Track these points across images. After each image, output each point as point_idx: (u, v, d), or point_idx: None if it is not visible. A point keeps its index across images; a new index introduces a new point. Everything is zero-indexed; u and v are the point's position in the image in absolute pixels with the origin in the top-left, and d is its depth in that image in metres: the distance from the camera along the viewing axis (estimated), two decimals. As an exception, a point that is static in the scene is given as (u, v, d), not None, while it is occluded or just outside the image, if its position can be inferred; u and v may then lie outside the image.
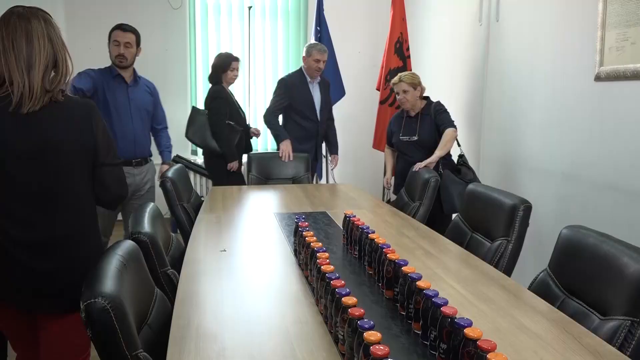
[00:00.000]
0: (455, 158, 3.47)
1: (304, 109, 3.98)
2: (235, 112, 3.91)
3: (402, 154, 3.50)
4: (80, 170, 1.65)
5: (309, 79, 4.00)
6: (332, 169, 4.34)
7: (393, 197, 4.24)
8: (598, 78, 2.63)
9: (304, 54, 3.97)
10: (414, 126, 3.39)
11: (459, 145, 3.45)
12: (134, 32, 3.18)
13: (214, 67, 3.94)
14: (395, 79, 3.41)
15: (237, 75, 3.97)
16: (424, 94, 3.47)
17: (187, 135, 4.01)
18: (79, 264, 1.62)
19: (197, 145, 4.22)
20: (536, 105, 3.16)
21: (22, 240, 1.57)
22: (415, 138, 3.36)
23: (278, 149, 3.93)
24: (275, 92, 4.03)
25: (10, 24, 1.55)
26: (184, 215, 2.76)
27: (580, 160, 2.80)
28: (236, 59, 3.95)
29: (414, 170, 3.19)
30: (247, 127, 4.09)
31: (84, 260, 1.62)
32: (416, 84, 3.34)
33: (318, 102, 4.04)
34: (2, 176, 1.55)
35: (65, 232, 1.62)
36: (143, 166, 3.17)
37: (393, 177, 3.67)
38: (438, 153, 3.20)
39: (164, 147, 3.47)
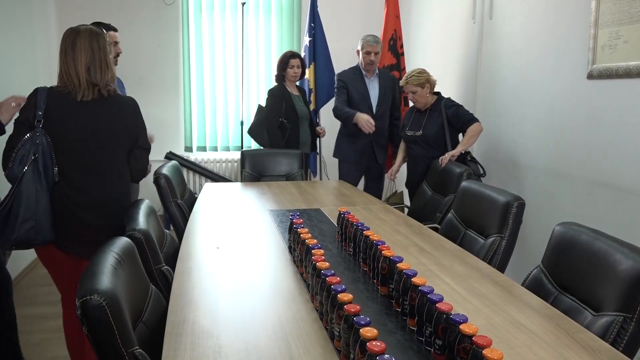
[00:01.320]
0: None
1: (359, 104, 3.80)
2: (290, 109, 3.95)
3: (409, 147, 3.56)
4: (123, 150, 2.18)
5: (364, 73, 3.87)
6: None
7: (392, 190, 4.28)
8: (590, 76, 2.65)
9: (358, 47, 3.87)
10: (420, 121, 3.42)
11: None
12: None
13: (277, 66, 4.08)
14: (403, 80, 3.43)
15: (297, 73, 4.01)
16: (435, 89, 3.47)
17: (248, 131, 4.35)
18: (120, 220, 2.04)
19: (256, 141, 4.38)
20: (529, 102, 3.18)
21: (81, 202, 2.08)
22: (419, 133, 3.39)
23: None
24: (335, 89, 3.95)
25: (65, 36, 2.09)
26: (177, 212, 2.75)
27: (573, 157, 2.82)
28: (293, 56, 4.02)
29: (440, 164, 3.19)
30: (313, 125, 4.22)
31: (122, 218, 2.02)
32: (423, 82, 3.34)
33: (375, 98, 3.86)
34: (66, 152, 2.05)
35: (111, 196, 2.15)
36: None
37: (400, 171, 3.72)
38: (461, 147, 3.23)
39: None
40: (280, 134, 3.98)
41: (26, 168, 1.98)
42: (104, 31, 2.19)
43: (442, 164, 3.17)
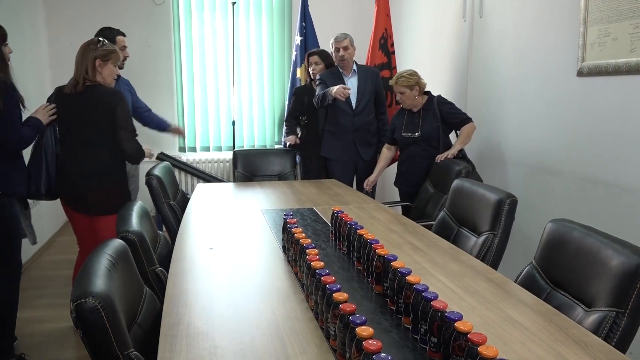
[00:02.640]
0: None
1: (338, 101, 3.68)
2: (313, 107, 3.95)
3: (403, 150, 3.52)
4: (104, 128, 2.66)
5: (341, 71, 3.87)
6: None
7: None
8: (580, 73, 2.67)
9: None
10: (416, 122, 3.39)
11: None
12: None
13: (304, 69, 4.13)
14: (393, 80, 3.40)
15: (316, 69, 4.01)
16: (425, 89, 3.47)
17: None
18: (109, 186, 2.72)
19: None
20: (519, 100, 3.20)
21: (78, 170, 2.69)
22: (418, 134, 3.37)
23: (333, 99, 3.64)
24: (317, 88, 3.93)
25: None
26: (170, 213, 2.75)
27: (564, 154, 2.84)
28: (312, 54, 4.04)
29: (437, 162, 3.26)
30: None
31: (111, 183, 2.73)
32: (412, 84, 3.30)
33: (354, 94, 3.81)
34: (67, 130, 2.71)
35: (100, 165, 2.69)
36: None
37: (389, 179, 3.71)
38: (458, 146, 3.26)
39: (158, 120, 3.88)
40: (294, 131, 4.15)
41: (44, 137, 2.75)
42: (100, 39, 2.76)
43: (439, 161, 3.23)
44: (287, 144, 4.19)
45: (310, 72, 4.07)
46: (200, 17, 5.17)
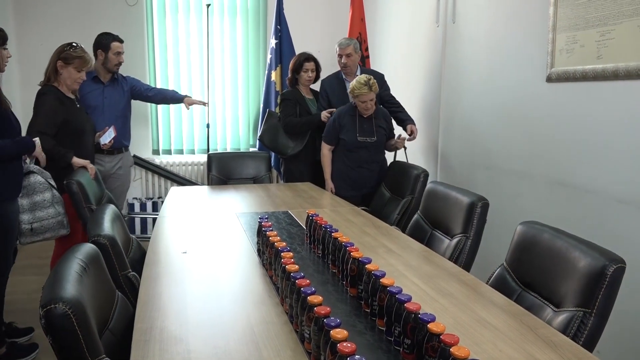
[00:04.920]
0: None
1: None
2: (304, 113, 3.84)
3: (349, 151, 3.38)
4: None
5: (344, 77, 3.76)
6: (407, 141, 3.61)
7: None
8: (549, 79, 2.73)
9: None
10: (368, 128, 3.34)
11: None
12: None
13: (290, 68, 3.92)
14: (365, 88, 3.17)
15: (311, 77, 3.86)
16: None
17: (259, 136, 4.25)
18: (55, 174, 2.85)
19: (266, 146, 4.08)
20: (491, 104, 3.25)
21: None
22: (374, 139, 3.34)
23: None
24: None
25: None
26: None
27: (534, 157, 2.90)
28: (308, 59, 3.85)
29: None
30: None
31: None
32: (375, 89, 3.24)
33: None
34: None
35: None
36: (115, 155, 3.69)
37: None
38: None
39: (171, 93, 4.31)
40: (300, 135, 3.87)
41: None
42: (73, 43, 2.91)
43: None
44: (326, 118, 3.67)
45: (305, 78, 3.85)
46: (174, 18, 5.12)
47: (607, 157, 2.40)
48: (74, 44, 2.90)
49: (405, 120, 3.70)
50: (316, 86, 3.96)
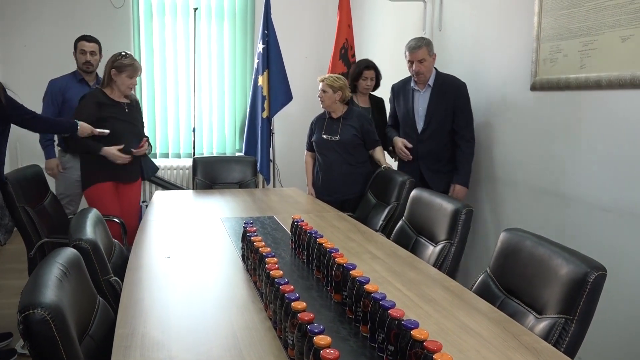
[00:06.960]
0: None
1: (403, 121, 3.35)
2: None
3: (320, 153, 3.43)
4: None
5: (413, 85, 3.28)
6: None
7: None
8: (534, 87, 2.76)
9: None
10: (335, 127, 3.35)
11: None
12: (97, 41, 3.64)
13: (350, 76, 3.70)
14: (321, 76, 3.38)
15: (370, 85, 3.66)
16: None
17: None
18: None
19: None
20: (475, 111, 3.27)
21: None
22: (337, 138, 3.32)
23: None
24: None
25: None
26: (25, 218, 2.68)
27: (518, 165, 2.93)
28: (368, 67, 3.64)
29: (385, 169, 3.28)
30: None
31: None
32: (336, 87, 3.27)
33: (422, 114, 3.22)
34: None
35: None
36: None
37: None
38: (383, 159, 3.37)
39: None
40: None
41: None
42: (123, 53, 3.16)
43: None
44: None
45: (364, 86, 3.63)
46: (161, 21, 5.10)
47: (590, 165, 2.43)
48: (123, 52, 3.13)
49: (457, 173, 3.19)
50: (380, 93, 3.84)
